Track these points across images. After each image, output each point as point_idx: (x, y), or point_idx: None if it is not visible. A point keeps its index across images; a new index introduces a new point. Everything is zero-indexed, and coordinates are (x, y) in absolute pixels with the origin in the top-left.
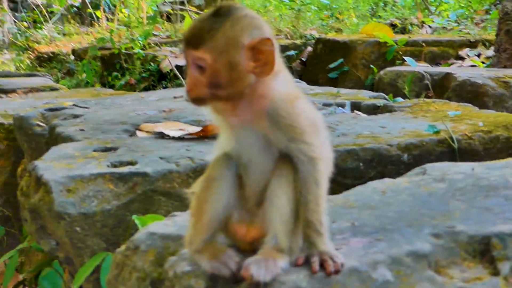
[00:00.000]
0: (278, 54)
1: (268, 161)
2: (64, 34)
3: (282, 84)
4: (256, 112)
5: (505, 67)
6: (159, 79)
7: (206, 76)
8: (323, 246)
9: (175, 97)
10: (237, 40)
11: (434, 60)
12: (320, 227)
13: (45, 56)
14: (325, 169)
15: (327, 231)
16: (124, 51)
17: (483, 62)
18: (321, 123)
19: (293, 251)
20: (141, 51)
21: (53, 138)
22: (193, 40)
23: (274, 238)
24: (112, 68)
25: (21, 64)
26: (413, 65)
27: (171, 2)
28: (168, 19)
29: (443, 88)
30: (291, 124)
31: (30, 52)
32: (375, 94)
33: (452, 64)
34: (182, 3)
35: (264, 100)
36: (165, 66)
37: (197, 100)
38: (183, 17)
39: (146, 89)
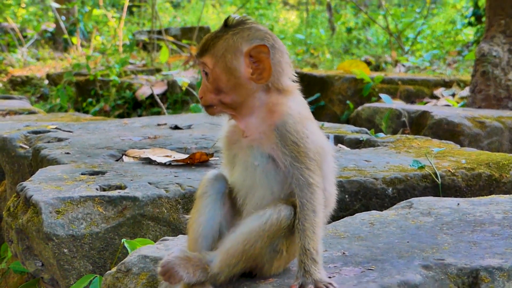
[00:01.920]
0: (291, 73)
1: (270, 185)
2: (38, 59)
3: (295, 104)
4: (266, 129)
5: (479, 107)
6: (134, 106)
7: (210, 81)
8: (318, 274)
9: (159, 124)
10: (236, 47)
11: (409, 98)
12: (316, 256)
13: (19, 79)
14: (322, 198)
15: (322, 260)
16: (100, 77)
17: (457, 102)
18: (328, 152)
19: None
20: (117, 79)
21: (38, 161)
22: (201, 49)
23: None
24: (87, 94)
25: None
26: (388, 102)
27: (148, 32)
28: (144, 47)
29: (419, 125)
30: (297, 143)
31: (4, 75)
32: (357, 128)
33: (427, 103)
34: (159, 33)
35: (275, 114)
36: (141, 94)
37: (208, 107)
38: (159, 47)
39: (120, 116)
